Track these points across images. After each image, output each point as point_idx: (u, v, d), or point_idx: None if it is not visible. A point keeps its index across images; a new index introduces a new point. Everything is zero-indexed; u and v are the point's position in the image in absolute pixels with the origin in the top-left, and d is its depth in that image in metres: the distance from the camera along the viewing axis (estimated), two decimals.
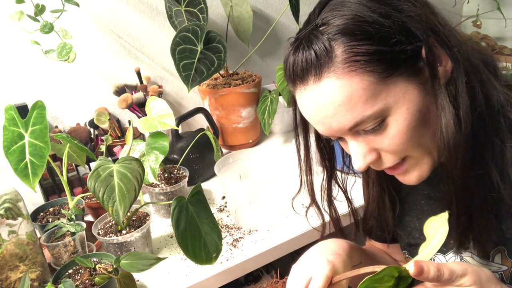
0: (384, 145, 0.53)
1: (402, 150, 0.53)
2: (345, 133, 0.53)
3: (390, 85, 0.49)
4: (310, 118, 0.55)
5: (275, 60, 1.55)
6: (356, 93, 0.49)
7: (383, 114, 0.50)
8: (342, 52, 0.49)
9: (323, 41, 0.50)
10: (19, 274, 0.74)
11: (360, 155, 0.54)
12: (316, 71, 0.50)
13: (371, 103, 0.49)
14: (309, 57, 0.50)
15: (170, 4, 1.17)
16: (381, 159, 0.55)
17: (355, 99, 0.49)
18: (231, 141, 1.36)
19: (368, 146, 0.54)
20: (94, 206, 1.00)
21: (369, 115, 0.50)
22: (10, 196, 0.76)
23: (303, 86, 0.52)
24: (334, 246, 0.62)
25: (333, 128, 0.53)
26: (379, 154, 0.55)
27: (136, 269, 0.70)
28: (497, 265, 0.58)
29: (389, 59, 0.49)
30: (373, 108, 0.50)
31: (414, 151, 0.54)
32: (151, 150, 0.91)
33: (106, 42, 1.21)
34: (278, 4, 1.48)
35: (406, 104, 0.50)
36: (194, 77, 1.09)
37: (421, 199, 0.69)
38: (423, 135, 0.53)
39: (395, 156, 0.54)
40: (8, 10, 0.99)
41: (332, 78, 0.49)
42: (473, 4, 1.67)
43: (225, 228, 0.96)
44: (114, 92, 1.20)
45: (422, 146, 0.53)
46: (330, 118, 0.52)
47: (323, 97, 0.50)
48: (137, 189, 0.74)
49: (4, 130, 0.77)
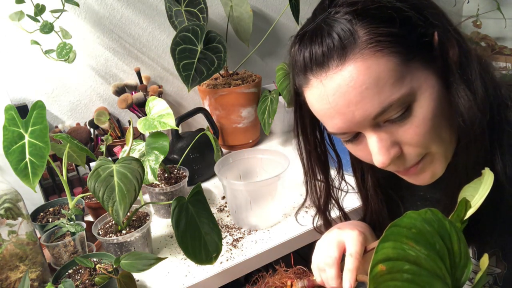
0: (408, 136, 0.50)
1: (426, 141, 0.51)
2: (367, 124, 0.50)
3: (413, 69, 0.48)
4: (327, 110, 0.51)
5: (275, 60, 1.55)
6: (384, 75, 0.46)
7: (409, 99, 0.48)
8: (365, 33, 0.47)
9: (344, 23, 0.48)
10: (19, 274, 0.74)
11: (383, 149, 0.50)
12: (339, 55, 0.47)
13: (398, 86, 0.47)
14: (330, 42, 0.48)
15: (170, 4, 1.17)
16: (403, 155, 0.52)
17: (383, 81, 0.47)
18: (231, 141, 1.36)
19: (391, 139, 0.51)
20: (94, 206, 1.00)
21: (397, 99, 0.47)
22: (10, 196, 0.76)
23: (322, 74, 0.49)
24: (360, 223, 0.66)
25: (355, 117, 0.49)
26: (401, 149, 0.52)
27: (136, 269, 0.70)
28: (491, 267, 0.58)
29: (410, 43, 0.48)
30: (400, 91, 0.47)
31: (435, 145, 0.52)
32: (151, 150, 0.91)
33: (106, 42, 1.21)
34: (278, 4, 1.48)
35: (429, 90, 0.49)
36: (194, 77, 1.09)
37: (417, 200, 0.69)
38: (442, 125, 0.51)
39: (418, 150, 0.52)
40: (8, 10, 0.99)
41: (358, 60, 0.47)
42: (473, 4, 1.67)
43: (225, 228, 0.96)
44: (114, 92, 1.20)
45: (442, 139, 0.52)
46: (354, 105, 0.48)
47: (347, 81, 0.47)
48: (137, 189, 0.74)
49: (4, 130, 0.77)
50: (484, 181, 0.43)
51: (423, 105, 0.49)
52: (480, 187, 0.43)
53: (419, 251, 0.33)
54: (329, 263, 0.58)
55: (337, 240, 0.59)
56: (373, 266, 0.32)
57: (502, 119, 0.53)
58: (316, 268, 0.61)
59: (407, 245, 0.33)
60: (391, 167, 0.54)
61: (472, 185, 0.46)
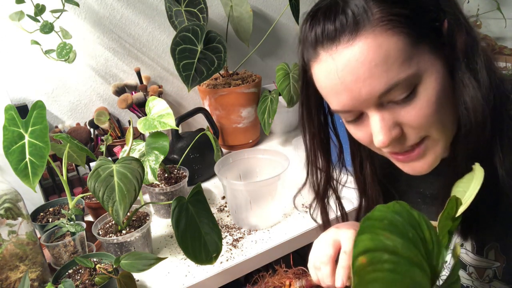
0: (410, 118, 0.51)
1: (427, 124, 0.51)
2: (371, 103, 0.51)
3: (420, 52, 0.49)
4: (334, 86, 0.51)
5: (275, 60, 1.55)
6: (394, 53, 0.47)
7: (415, 81, 0.49)
8: (378, 11, 0.48)
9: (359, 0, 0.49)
10: (19, 274, 0.74)
11: (385, 128, 0.51)
12: (351, 30, 0.48)
13: (406, 65, 0.48)
14: (343, 17, 0.49)
15: (170, 4, 1.17)
16: (403, 137, 0.53)
17: (392, 59, 0.47)
18: (231, 141, 1.36)
19: (393, 119, 0.51)
20: (94, 206, 1.00)
21: (404, 79, 0.48)
22: (10, 196, 0.76)
23: (333, 48, 0.50)
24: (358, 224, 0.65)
25: (361, 95, 0.50)
26: (402, 130, 0.53)
27: (136, 269, 0.70)
28: (490, 261, 0.59)
29: (420, 26, 0.49)
30: (408, 71, 0.48)
31: (435, 129, 0.52)
32: (151, 150, 0.91)
33: (106, 42, 1.21)
34: (278, 4, 1.48)
35: (434, 74, 0.50)
36: (194, 77, 1.09)
37: (417, 198, 0.70)
38: (445, 111, 0.52)
39: (419, 132, 0.52)
40: (8, 10, 0.99)
41: (369, 36, 0.47)
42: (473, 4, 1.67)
43: (225, 228, 0.96)
44: (114, 92, 1.20)
45: (443, 124, 0.52)
46: (361, 81, 0.49)
47: (357, 57, 0.48)
48: (137, 189, 0.74)
49: (4, 130, 0.77)
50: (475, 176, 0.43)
51: (427, 88, 0.50)
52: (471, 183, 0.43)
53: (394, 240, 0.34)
54: (324, 261, 0.58)
55: (333, 239, 0.59)
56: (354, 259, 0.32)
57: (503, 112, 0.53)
58: (312, 266, 0.62)
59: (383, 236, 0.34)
60: (389, 148, 0.55)
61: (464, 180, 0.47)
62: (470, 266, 0.61)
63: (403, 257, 0.33)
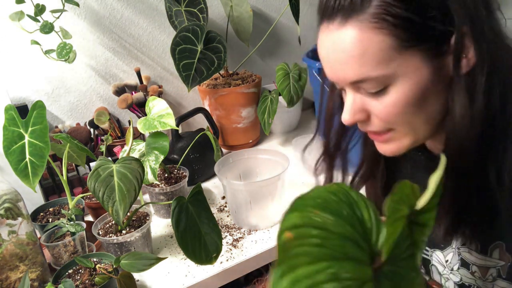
0: (376, 110, 0.53)
1: (391, 121, 0.53)
2: (347, 85, 0.53)
3: (407, 56, 0.49)
4: (324, 57, 0.55)
5: (275, 60, 1.55)
6: (372, 52, 0.49)
7: (387, 81, 0.50)
8: (375, 6, 0.48)
9: None
10: (19, 274, 0.74)
11: (351, 110, 0.54)
12: (344, 13, 0.49)
13: (382, 65, 0.49)
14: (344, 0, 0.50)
15: (170, 4, 1.17)
16: (369, 122, 0.56)
17: (369, 56, 0.49)
18: (231, 141, 1.36)
19: (361, 105, 0.54)
20: (94, 206, 1.00)
21: (373, 77, 0.50)
22: (10, 196, 0.76)
23: (328, 24, 0.52)
24: None
25: (338, 75, 0.53)
26: (368, 116, 0.55)
27: (136, 269, 0.70)
28: (495, 260, 0.58)
29: (417, 31, 0.48)
30: (381, 72, 0.49)
31: (401, 127, 0.54)
32: (151, 150, 0.91)
33: (106, 42, 1.21)
34: (278, 4, 1.48)
35: (413, 79, 0.50)
36: (194, 77, 1.09)
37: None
38: (416, 115, 0.53)
39: (384, 125, 0.54)
40: (8, 10, 0.99)
41: (356, 28, 0.49)
42: None
43: (225, 228, 0.96)
44: (114, 92, 1.20)
45: (411, 125, 0.54)
46: (339, 65, 0.52)
47: (340, 43, 0.50)
48: (137, 189, 0.74)
49: (4, 130, 0.77)
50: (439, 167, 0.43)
51: (398, 91, 0.50)
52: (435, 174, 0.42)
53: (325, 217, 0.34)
54: None
55: None
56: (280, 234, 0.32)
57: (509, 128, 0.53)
58: None
59: (313, 213, 0.34)
60: (359, 126, 0.58)
61: None
62: (473, 265, 0.61)
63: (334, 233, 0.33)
